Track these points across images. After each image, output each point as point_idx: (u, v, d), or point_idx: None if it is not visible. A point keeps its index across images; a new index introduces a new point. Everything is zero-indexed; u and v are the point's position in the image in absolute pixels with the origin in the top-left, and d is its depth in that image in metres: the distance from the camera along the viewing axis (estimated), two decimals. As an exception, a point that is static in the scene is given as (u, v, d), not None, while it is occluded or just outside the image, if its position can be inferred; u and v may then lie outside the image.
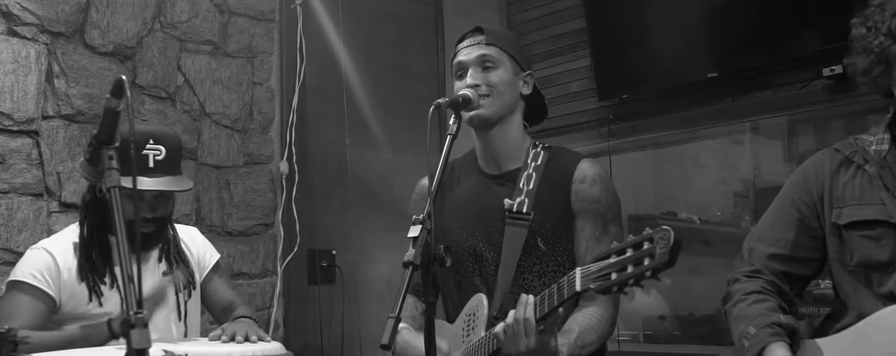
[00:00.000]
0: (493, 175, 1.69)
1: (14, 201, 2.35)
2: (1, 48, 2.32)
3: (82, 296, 1.87)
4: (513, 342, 1.41)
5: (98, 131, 1.36)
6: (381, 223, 3.18)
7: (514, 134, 1.67)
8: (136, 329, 1.19)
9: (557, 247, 1.61)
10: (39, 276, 1.84)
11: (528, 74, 1.70)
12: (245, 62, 2.95)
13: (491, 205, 1.65)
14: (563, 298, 1.36)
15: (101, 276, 1.90)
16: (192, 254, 2.06)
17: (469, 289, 1.65)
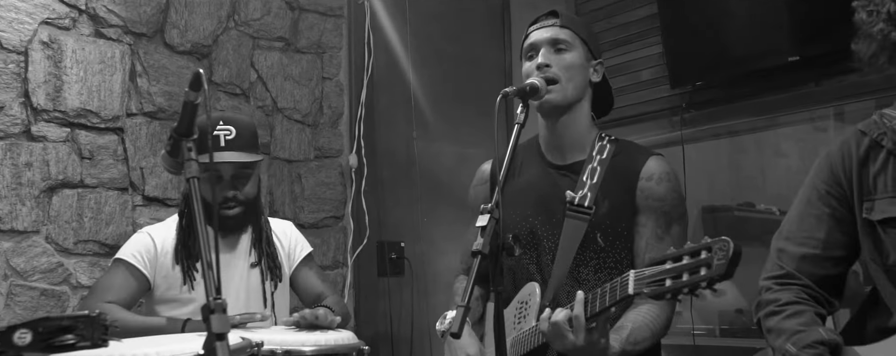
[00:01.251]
0: (556, 165, 1.66)
1: (102, 195, 2.47)
2: (89, 49, 2.43)
3: (176, 280, 1.98)
4: (559, 338, 1.39)
5: (178, 124, 1.41)
6: (448, 215, 3.19)
7: (582, 123, 1.65)
8: (216, 314, 1.23)
9: (616, 244, 1.58)
10: (138, 257, 1.96)
11: (598, 62, 1.67)
12: (315, 58, 3.01)
13: (552, 195, 1.62)
14: (614, 300, 1.33)
15: (194, 262, 1.99)
16: (283, 247, 2.13)
17: (523, 277, 1.64)
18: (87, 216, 2.42)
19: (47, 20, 2.35)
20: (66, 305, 2.36)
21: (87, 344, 1.23)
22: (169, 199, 2.61)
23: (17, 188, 2.29)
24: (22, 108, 2.31)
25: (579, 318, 1.37)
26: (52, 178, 2.36)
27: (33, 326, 1.20)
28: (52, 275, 2.35)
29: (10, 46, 2.28)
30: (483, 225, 1.36)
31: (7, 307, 2.25)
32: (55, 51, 2.37)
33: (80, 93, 2.41)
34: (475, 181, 1.83)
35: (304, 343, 1.74)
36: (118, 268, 1.96)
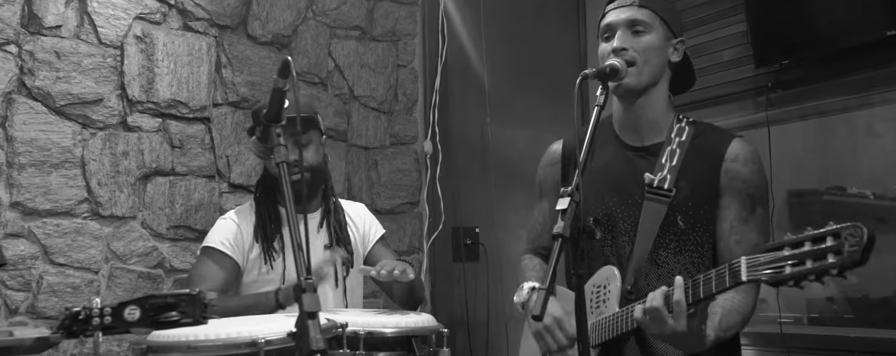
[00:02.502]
0: (633, 146, 1.64)
1: (191, 183, 2.58)
2: (178, 42, 2.54)
3: (256, 261, 2.05)
4: (657, 325, 1.37)
5: (267, 110, 1.46)
6: (523, 200, 3.18)
7: (660, 105, 1.61)
8: (307, 294, 1.28)
9: (697, 227, 1.55)
10: (226, 243, 2.04)
11: (679, 41, 1.62)
12: (390, 45, 3.05)
13: (629, 177, 1.60)
14: (723, 286, 1.30)
15: (272, 242, 2.06)
16: (357, 228, 2.17)
17: (598, 260, 1.61)
18: (178, 203, 2.54)
19: (140, 15, 2.47)
20: (161, 287, 2.49)
21: (190, 321, 1.30)
22: (252, 186, 2.70)
23: (115, 176, 2.42)
24: (119, 100, 2.43)
25: (681, 304, 1.34)
26: (147, 167, 2.48)
27: (141, 303, 1.27)
28: (147, 258, 2.47)
29: (108, 41, 2.41)
30: (563, 208, 1.36)
31: (109, 288, 2.39)
32: (148, 44, 2.48)
33: (170, 84, 2.52)
34: (544, 161, 1.82)
35: (386, 325, 1.78)
36: (208, 257, 2.04)
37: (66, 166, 2.33)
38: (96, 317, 1.25)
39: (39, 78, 2.28)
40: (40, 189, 2.29)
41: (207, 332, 1.59)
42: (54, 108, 2.31)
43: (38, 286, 2.27)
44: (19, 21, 2.25)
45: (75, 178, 2.35)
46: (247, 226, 2.07)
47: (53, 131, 2.31)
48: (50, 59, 2.30)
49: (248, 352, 1.58)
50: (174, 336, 1.60)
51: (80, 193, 2.35)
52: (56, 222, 2.31)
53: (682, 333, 1.35)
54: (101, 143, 2.39)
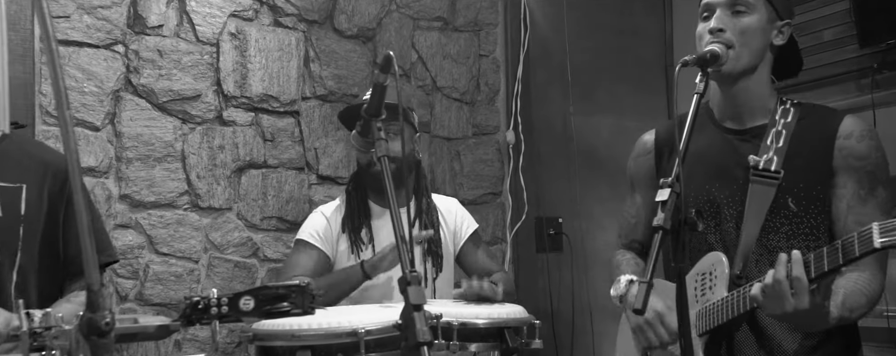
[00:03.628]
0: (735, 130, 1.58)
1: (282, 175, 2.66)
2: (269, 38, 2.61)
3: (345, 253, 2.11)
4: (777, 302, 1.32)
5: (368, 105, 1.49)
6: (606, 190, 3.13)
7: (761, 88, 1.55)
8: (413, 286, 1.30)
9: (810, 209, 1.49)
10: (317, 235, 2.11)
11: (785, 24, 1.55)
12: (472, 36, 3.04)
13: (732, 161, 1.55)
14: (852, 255, 1.25)
15: (358, 233, 2.10)
16: (448, 224, 2.19)
17: (700, 248, 1.57)
18: (271, 194, 2.62)
19: (234, 13, 2.55)
20: (256, 277, 2.58)
21: (299, 311, 1.34)
22: (340, 178, 2.77)
23: (212, 169, 2.51)
24: (215, 96, 2.53)
25: (801, 279, 1.30)
26: (241, 160, 2.57)
27: (255, 294, 1.31)
28: (243, 248, 2.57)
29: (205, 39, 2.50)
30: (663, 199, 1.33)
31: (208, 277, 2.49)
32: (241, 41, 2.56)
33: (262, 79, 2.60)
34: (636, 152, 1.78)
35: (478, 316, 1.79)
36: (300, 249, 2.12)
37: (168, 160, 2.44)
38: (214, 306, 1.30)
39: (144, 75, 2.39)
40: (145, 182, 2.40)
41: (310, 322, 1.65)
42: (157, 104, 2.42)
43: (145, 274, 2.39)
44: (126, 22, 2.36)
45: (176, 171, 2.45)
46: (336, 219, 2.13)
47: (157, 126, 2.42)
48: (153, 58, 2.40)
49: (348, 342, 1.63)
50: (279, 325, 1.67)
51: (180, 186, 2.46)
52: (160, 214, 2.43)
53: (804, 311, 1.30)
54: (200, 138, 2.49)
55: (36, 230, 1.62)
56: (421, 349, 1.23)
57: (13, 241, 1.58)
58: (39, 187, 1.64)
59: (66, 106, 1.14)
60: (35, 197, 1.63)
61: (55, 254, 1.67)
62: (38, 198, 1.63)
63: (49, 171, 1.66)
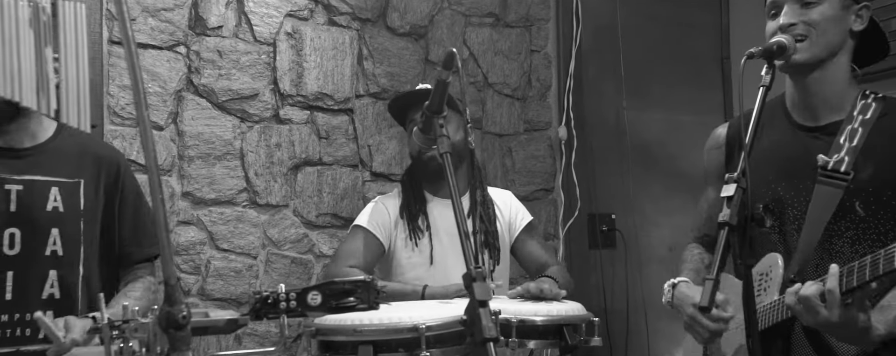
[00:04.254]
0: (807, 127, 1.52)
1: (337, 172, 2.69)
2: (324, 37, 2.65)
3: (402, 245, 2.11)
4: (809, 314, 1.29)
5: (429, 101, 1.49)
6: (660, 186, 3.09)
7: (838, 79, 1.48)
8: (478, 282, 1.30)
9: (880, 214, 1.42)
10: (375, 224, 2.12)
11: (862, 6, 1.47)
12: (523, 31, 3.03)
13: (801, 159, 1.49)
14: (876, 273, 1.21)
15: (416, 221, 2.12)
16: (503, 216, 2.18)
17: (764, 246, 1.53)
18: (326, 191, 2.66)
19: (290, 13, 2.59)
20: (312, 272, 2.62)
21: (365, 306, 1.36)
22: (393, 175, 2.79)
23: (270, 167, 2.56)
24: (272, 95, 2.57)
25: (834, 293, 1.26)
26: (297, 157, 2.61)
27: (322, 289, 1.34)
28: (299, 245, 2.61)
29: (262, 39, 2.54)
30: (729, 194, 1.31)
31: (266, 273, 2.54)
32: (297, 40, 2.60)
33: (317, 78, 2.63)
34: (708, 145, 1.73)
35: (537, 313, 1.78)
36: (357, 235, 2.12)
37: (227, 158, 2.49)
38: (283, 301, 1.33)
39: (204, 76, 2.45)
40: (206, 179, 2.46)
41: (372, 317, 1.66)
42: (217, 103, 2.47)
43: (206, 270, 2.45)
44: (187, 23, 2.42)
45: (235, 168, 2.51)
46: (394, 207, 2.14)
47: (217, 125, 2.47)
48: (213, 58, 2.46)
49: (409, 337, 1.64)
50: (340, 320, 1.68)
51: (239, 183, 2.51)
52: (220, 210, 2.48)
53: (837, 323, 1.27)
54: (257, 136, 2.54)
55: (95, 224, 1.69)
56: (487, 345, 1.23)
57: (76, 235, 1.65)
58: (96, 182, 1.70)
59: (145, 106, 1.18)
60: (92, 191, 1.69)
61: (113, 246, 1.73)
62: (95, 192, 1.70)
63: (103, 165, 1.72)
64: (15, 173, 1.62)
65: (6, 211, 1.60)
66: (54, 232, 1.62)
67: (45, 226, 1.61)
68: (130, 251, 1.74)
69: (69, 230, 1.64)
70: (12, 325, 1.56)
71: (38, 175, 1.64)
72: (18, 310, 1.56)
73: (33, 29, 1.09)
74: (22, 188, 1.61)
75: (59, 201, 1.64)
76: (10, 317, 1.56)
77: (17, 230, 1.59)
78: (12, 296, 1.56)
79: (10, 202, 1.60)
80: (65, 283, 1.62)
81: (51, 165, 1.65)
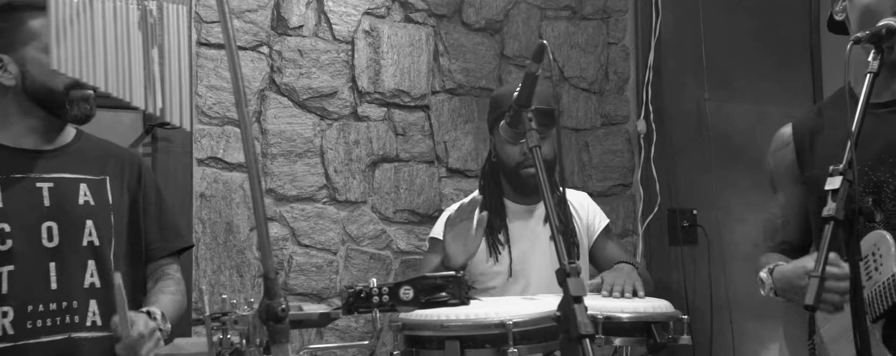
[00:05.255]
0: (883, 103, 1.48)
1: (413, 168, 2.70)
2: (400, 34, 2.67)
3: (482, 254, 2.08)
4: None
5: (518, 95, 1.47)
6: (745, 180, 2.98)
7: None
8: (572, 278, 1.28)
9: None
10: None
11: None
12: (600, 24, 2.97)
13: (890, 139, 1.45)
14: None
15: (497, 235, 2.09)
16: (581, 219, 2.14)
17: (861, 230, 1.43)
18: (403, 188, 2.68)
19: (368, 10, 2.62)
20: (390, 268, 2.64)
21: (456, 301, 1.36)
22: (469, 171, 2.78)
23: (348, 163, 2.60)
24: (350, 92, 2.61)
25: None
26: (375, 154, 2.64)
27: (414, 284, 1.34)
28: (377, 241, 2.64)
29: (341, 37, 2.58)
30: (834, 188, 1.25)
31: (346, 269, 2.58)
32: (375, 38, 2.63)
33: (394, 75, 2.65)
34: (773, 147, 1.69)
35: (624, 310, 1.74)
36: (436, 247, 2.10)
37: (308, 155, 2.54)
38: (375, 295, 1.34)
39: (286, 75, 2.50)
40: (288, 176, 2.51)
41: (458, 312, 1.66)
42: (298, 101, 2.52)
43: (289, 265, 2.51)
44: (270, 24, 2.48)
45: (316, 165, 2.55)
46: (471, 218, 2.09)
47: (298, 123, 2.52)
48: (294, 57, 2.51)
49: (496, 333, 1.63)
50: (427, 315, 1.69)
51: (320, 180, 2.56)
52: (301, 207, 2.53)
53: None
54: (336, 133, 2.58)
55: (123, 218, 1.72)
56: (583, 342, 1.21)
57: (108, 228, 1.69)
58: (120, 179, 1.74)
59: (245, 104, 1.21)
60: (117, 188, 1.73)
61: (140, 242, 1.77)
62: (120, 188, 1.74)
63: (125, 164, 1.77)
64: (44, 172, 1.66)
65: (41, 206, 1.63)
66: (89, 223, 1.66)
67: (79, 219, 1.65)
68: (156, 246, 1.78)
69: (101, 222, 1.68)
70: (61, 313, 1.60)
71: (66, 173, 1.68)
72: (65, 299, 1.60)
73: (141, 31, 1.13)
74: (53, 185, 1.65)
75: (89, 196, 1.68)
76: (57, 306, 1.60)
77: (53, 223, 1.62)
78: (57, 285, 1.61)
79: (43, 198, 1.64)
80: (103, 272, 1.66)
81: (77, 164, 1.70)
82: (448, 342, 1.66)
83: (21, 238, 1.59)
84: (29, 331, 1.56)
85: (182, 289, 1.79)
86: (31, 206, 1.62)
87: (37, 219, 1.62)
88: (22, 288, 1.56)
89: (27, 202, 1.62)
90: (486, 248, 2.07)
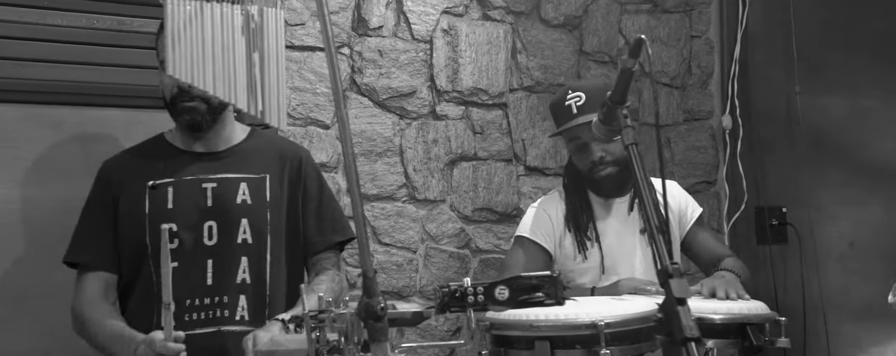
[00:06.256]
0: None
1: (491, 167, 2.69)
2: (478, 32, 2.66)
3: (570, 250, 2.05)
4: None
5: (612, 91, 1.45)
6: (838, 177, 2.84)
7: None
8: (675, 279, 1.24)
9: None
10: (538, 232, 2.07)
11: None
12: (683, 17, 2.89)
13: None
14: None
15: (585, 232, 2.05)
16: (672, 208, 2.09)
17: None
18: (481, 186, 2.67)
19: (446, 9, 2.62)
20: (469, 267, 2.64)
21: (552, 301, 1.34)
22: (547, 169, 2.75)
23: (427, 162, 2.61)
24: (429, 91, 2.61)
25: None
26: (453, 153, 2.64)
27: (509, 284, 1.33)
28: (456, 239, 2.63)
29: (420, 37, 2.59)
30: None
31: (425, 267, 2.59)
32: (453, 37, 2.63)
33: (472, 73, 2.65)
34: None
35: (716, 311, 1.69)
36: (521, 246, 2.08)
37: (388, 154, 2.56)
38: (470, 295, 1.34)
39: (366, 75, 2.53)
40: (369, 176, 2.54)
41: (547, 313, 1.63)
42: (378, 101, 2.55)
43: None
44: (351, 25, 2.51)
45: (395, 165, 2.57)
46: (557, 216, 2.07)
47: (378, 123, 2.55)
48: (374, 58, 2.53)
49: (587, 334, 1.60)
50: (516, 314, 1.67)
51: (399, 179, 2.57)
52: (382, 206, 2.56)
53: None
54: (415, 132, 2.59)
55: (281, 215, 1.80)
56: (688, 345, 1.17)
57: (263, 225, 1.76)
58: (280, 176, 1.82)
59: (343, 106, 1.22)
60: (277, 185, 1.81)
61: (298, 235, 1.83)
62: (280, 186, 1.81)
63: (286, 160, 1.84)
64: (210, 173, 1.77)
65: (204, 206, 1.74)
66: (244, 222, 1.74)
67: (235, 218, 1.75)
68: (315, 240, 1.85)
69: (257, 220, 1.76)
70: (213, 308, 1.70)
71: (229, 173, 1.78)
72: (218, 294, 1.70)
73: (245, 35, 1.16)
74: (216, 185, 1.76)
75: (247, 194, 1.77)
76: (211, 300, 1.70)
77: (213, 222, 1.73)
78: (212, 281, 1.71)
79: (206, 198, 1.75)
80: (254, 270, 1.74)
81: (240, 164, 1.79)
82: (538, 342, 1.63)
83: (186, 237, 1.70)
84: (186, 323, 1.67)
85: (338, 281, 1.85)
86: (196, 206, 1.73)
87: (200, 218, 1.72)
88: (183, 283, 1.65)
89: (193, 202, 1.73)
90: (574, 245, 2.04)
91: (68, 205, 1.83)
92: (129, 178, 1.75)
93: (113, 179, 1.76)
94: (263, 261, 1.76)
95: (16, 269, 1.98)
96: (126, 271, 1.75)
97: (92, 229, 1.75)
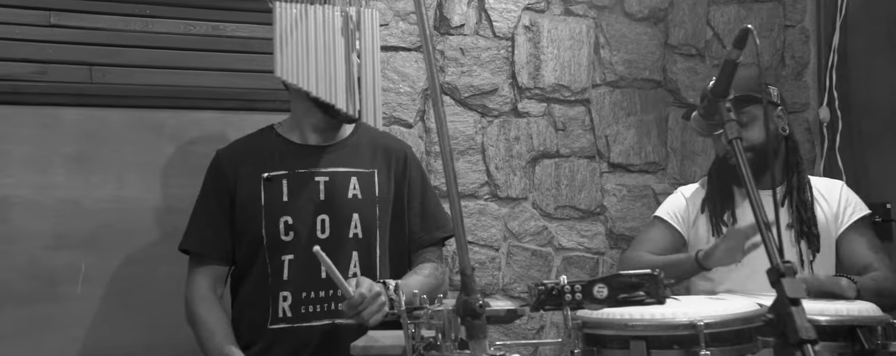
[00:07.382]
0: None
1: (574, 164, 2.65)
2: (560, 28, 2.62)
3: (703, 233, 2.05)
4: None
5: (714, 84, 1.39)
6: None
7: None
8: (787, 278, 1.18)
9: None
10: (672, 214, 2.11)
11: None
12: (776, 6, 2.77)
13: None
14: None
15: (721, 216, 2.03)
16: (828, 206, 2.02)
17: None
18: (563, 183, 2.63)
19: (528, 6, 2.59)
20: (552, 265, 2.60)
21: (653, 300, 1.30)
22: (631, 165, 2.69)
23: (509, 160, 2.59)
24: (510, 89, 2.59)
25: None
26: (535, 150, 2.61)
27: (609, 282, 1.30)
28: (538, 237, 2.60)
29: (501, 34, 2.57)
30: None
31: (507, 265, 2.57)
32: (534, 33, 2.60)
33: (554, 69, 2.61)
34: None
35: (823, 312, 1.60)
36: (655, 224, 2.14)
37: (469, 153, 2.56)
38: (567, 293, 1.31)
39: (448, 74, 2.53)
40: (451, 174, 2.54)
41: (642, 312, 1.58)
42: (460, 100, 2.55)
43: (453, 262, 2.54)
44: (433, 24, 2.52)
45: (477, 163, 2.56)
46: (695, 200, 2.10)
47: (459, 121, 2.55)
48: (456, 56, 2.54)
49: (685, 334, 1.54)
50: (610, 314, 1.63)
51: (481, 177, 2.57)
52: (464, 204, 2.55)
53: None
54: (497, 130, 2.58)
55: (388, 210, 1.82)
56: (805, 347, 1.11)
57: (372, 220, 1.79)
58: (387, 172, 1.84)
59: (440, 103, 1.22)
60: (385, 180, 1.83)
61: (404, 230, 1.86)
62: (387, 181, 1.83)
63: (392, 156, 1.86)
64: (322, 166, 1.79)
65: (317, 199, 1.77)
66: (355, 216, 1.77)
67: (347, 212, 1.77)
68: (419, 236, 1.87)
69: (367, 215, 1.79)
70: (328, 300, 1.73)
71: (340, 167, 1.80)
72: (332, 287, 1.71)
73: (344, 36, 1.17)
74: (328, 179, 1.78)
75: (357, 189, 1.79)
76: (325, 294, 1.73)
77: (326, 216, 1.76)
78: (326, 274, 1.70)
79: (319, 192, 1.77)
80: (364, 263, 1.77)
81: (350, 158, 1.81)
82: (633, 342, 1.59)
83: (301, 230, 1.74)
84: (303, 315, 1.72)
85: (439, 274, 1.87)
86: (310, 200, 1.77)
87: (314, 211, 1.76)
88: (299, 276, 1.71)
89: (307, 195, 1.77)
90: (710, 228, 2.05)
91: (169, 205, 1.91)
92: (244, 170, 1.78)
93: (228, 171, 1.79)
94: (373, 255, 1.79)
95: (122, 266, 2.08)
96: (240, 261, 1.79)
97: (208, 218, 1.79)
